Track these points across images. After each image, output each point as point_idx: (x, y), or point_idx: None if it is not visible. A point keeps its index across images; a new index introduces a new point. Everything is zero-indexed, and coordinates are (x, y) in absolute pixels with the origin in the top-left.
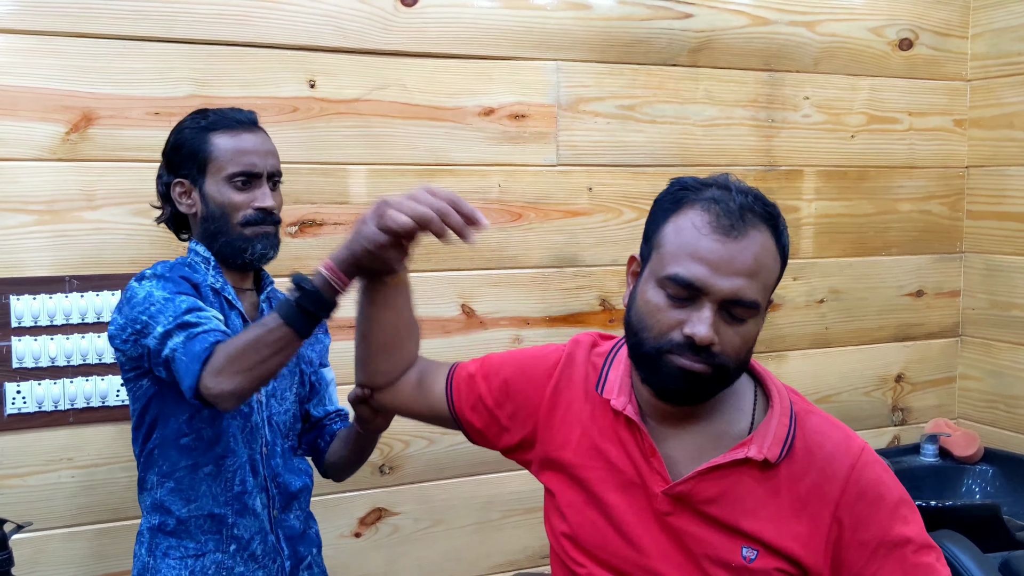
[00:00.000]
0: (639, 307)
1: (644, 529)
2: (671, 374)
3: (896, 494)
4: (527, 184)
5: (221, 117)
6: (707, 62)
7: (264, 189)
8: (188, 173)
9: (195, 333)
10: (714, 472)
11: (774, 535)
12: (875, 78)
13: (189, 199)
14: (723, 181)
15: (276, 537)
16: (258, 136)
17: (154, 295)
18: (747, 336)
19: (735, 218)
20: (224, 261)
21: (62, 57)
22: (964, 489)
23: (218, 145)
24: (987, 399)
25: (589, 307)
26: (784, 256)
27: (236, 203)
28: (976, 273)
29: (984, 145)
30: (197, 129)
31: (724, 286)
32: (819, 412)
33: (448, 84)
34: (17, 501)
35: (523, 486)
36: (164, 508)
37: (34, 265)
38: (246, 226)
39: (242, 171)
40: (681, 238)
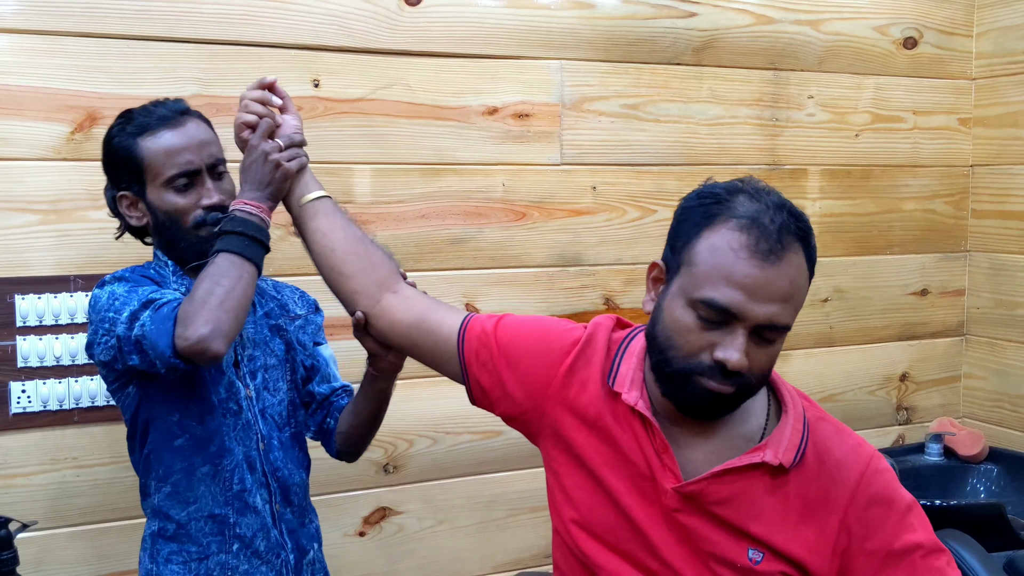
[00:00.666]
0: (667, 324)
1: (649, 521)
2: (698, 394)
3: (905, 501)
4: (531, 183)
5: (146, 118)
6: (711, 61)
7: (207, 185)
8: (128, 185)
9: (159, 304)
10: (728, 474)
11: (781, 539)
12: (880, 77)
13: (136, 210)
14: (753, 189)
15: (279, 531)
16: (187, 128)
17: (116, 292)
18: (773, 354)
19: (773, 241)
20: (183, 266)
21: (67, 57)
22: (969, 488)
23: (148, 150)
24: (992, 398)
25: (593, 306)
26: (813, 271)
27: (182, 207)
28: (981, 272)
29: (989, 144)
30: (124, 136)
31: (759, 312)
32: (830, 419)
33: (452, 83)
34: (22, 500)
35: (527, 485)
36: (163, 513)
37: (39, 264)
38: (200, 227)
39: (179, 172)
40: (717, 259)
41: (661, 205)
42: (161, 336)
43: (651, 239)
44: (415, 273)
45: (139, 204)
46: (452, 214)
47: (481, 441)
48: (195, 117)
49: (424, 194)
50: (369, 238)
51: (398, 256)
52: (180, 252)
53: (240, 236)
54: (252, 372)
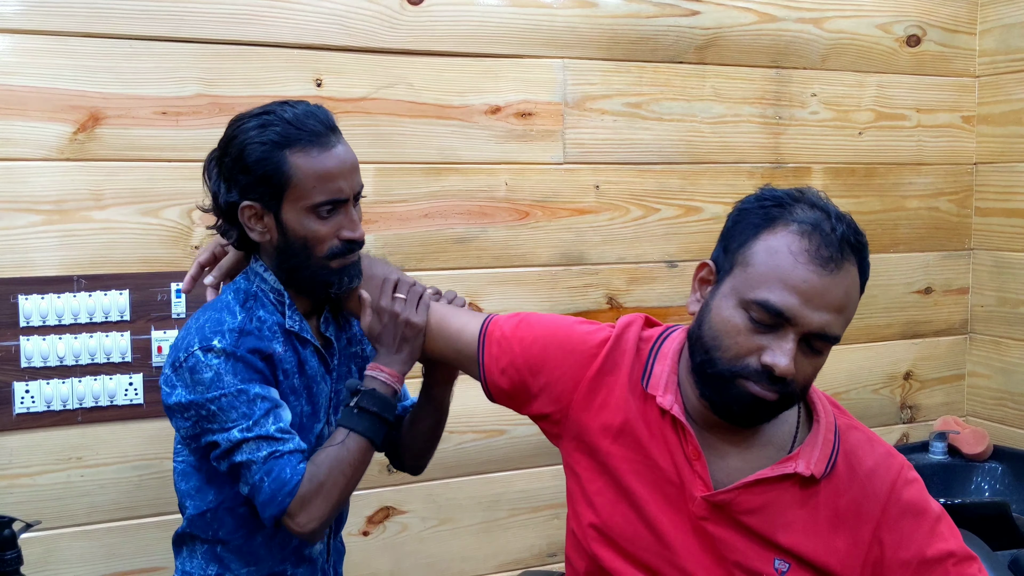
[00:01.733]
0: (715, 324)
1: (675, 529)
2: (740, 398)
3: (935, 511)
4: (534, 182)
5: (295, 129)
6: (714, 59)
7: (351, 215)
8: (260, 198)
9: (280, 453)
10: (758, 485)
11: (809, 549)
12: (883, 75)
13: (261, 225)
14: (817, 201)
15: (330, 564)
16: (341, 150)
17: (224, 380)
18: (819, 365)
19: (834, 250)
20: (300, 291)
21: (70, 57)
22: (973, 487)
23: (299, 169)
24: (996, 396)
25: (596, 305)
26: (863, 289)
27: (321, 235)
28: (985, 270)
29: (993, 141)
30: (269, 146)
31: (814, 320)
32: (860, 427)
33: (455, 82)
34: (27, 500)
35: (530, 484)
36: (223, 564)
37: (42, 265)
38: (332, 259)
39: (328, 200)
40: (775, 261)
41: (664, 204)
42: (273, 505)
43: (654, 238)
44: (419, 272)
45: (266, 218)
46: (456, 213)
47: (484, 440)
48: (341, 135)
49: (427, 193)
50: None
51: (401, 256)
52: (301, 280)
53: (375, 418)
54: (336, 407)
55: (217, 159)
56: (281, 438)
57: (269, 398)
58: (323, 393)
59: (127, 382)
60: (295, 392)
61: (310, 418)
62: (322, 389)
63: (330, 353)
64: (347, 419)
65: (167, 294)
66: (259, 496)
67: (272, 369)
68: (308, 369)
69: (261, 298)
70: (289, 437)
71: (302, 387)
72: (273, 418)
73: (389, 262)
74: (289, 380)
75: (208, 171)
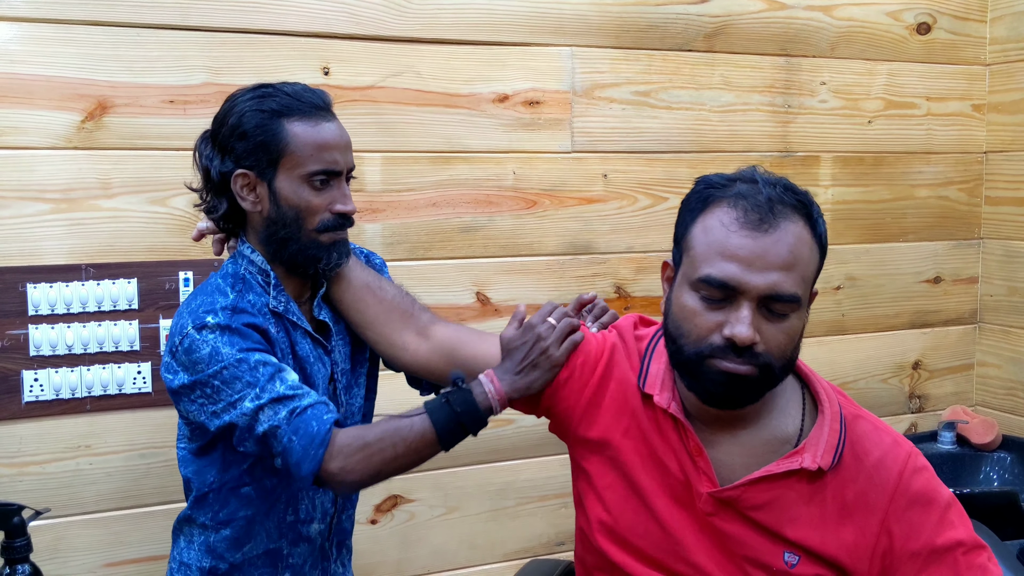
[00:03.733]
0: (675, 313)
1: (683, 525)
2: (715, 379)
3: (944, 499)
4: (542, 171)
5: (295, 100)
6: (723, 47)
7: (344, 189)
8: (255, 165)
9: (299, 409)
10: (765, 480)
11: (818, 542)
12: (893, 63)
13: (254, 194)
14: (749, 174)
15: (331, 543)
16: (337, 125)
17: (222, 353)
18: (791, 332)
19: (764, 211)
20: (289, 270)
21: (77, 45)
22: (982, 476)
23: (296, 136)
24: (1006, 386)
25: (604, 295)
26: (822, 245)
27: (314, 206)
28: (994, 259)
29: (1003, 130)
30: (268, 113)
31: (759, 282)
32: (867, 415)
33: (462, 71)
34: (36, 488)
35: (538, 473)
36: (218, 554)
37: (50, 253)
38: (323, 232)
39: (324, 169)
40: (710, 237)
41: (672, 193)
42: (308, 460)
43: (662, 227)
44: (426, 262)
45: (259, 188)
46: (463, 202)
47: (492, 429)
48: (337, 116)
49: (435, 182)
50: (373, 278)
51: (408, 245)
52: (290, 253)
53: (456, 418)
54: (347, 387)
55: (211, 135)
56: (295, 395)
57: (271, 363)
58: (320, 374)
59: (135, 370)
60: None
61: None
62: (318, 371)
63: (326, 336)
64: (431, 403)
65: (175, 282)
66: (291, 457)
67: (270, 346)
68: (300, 351)
69: (249, 280)
70: (304, 392)
71: (295, 370)
72: (279, 380)
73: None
74: (284, 361)
75: (199, 149)
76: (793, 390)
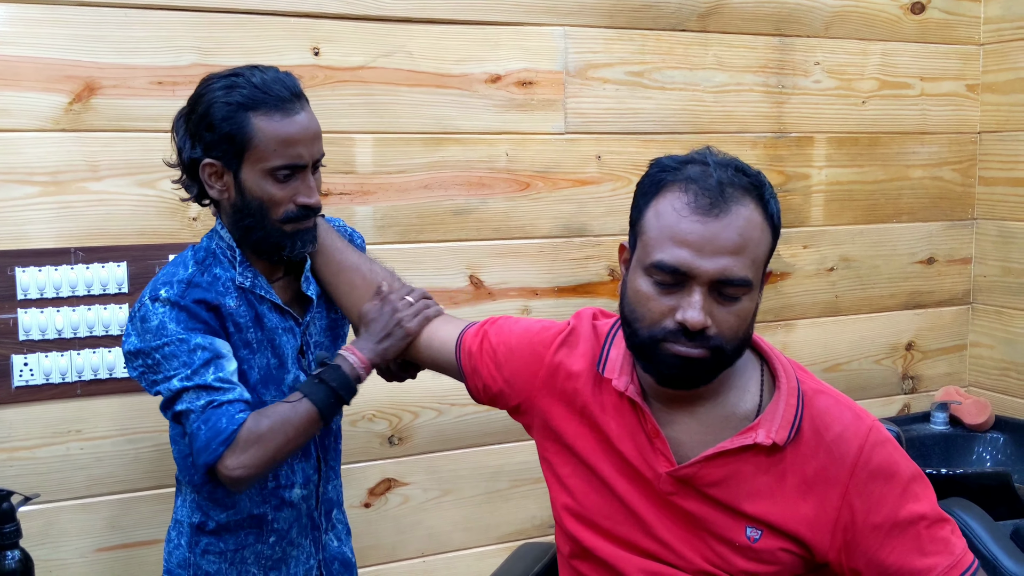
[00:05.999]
0: (630, 297)
1: (646, 506)
2: (668, 362)
3: (907, 472)
4: (535, 153)
5: (261, 93)
6: (717, 27)
7: (308, 181)
8: (222, 156)
9: (218, 403)
10: (720, 457)
11: (778, 517)
12: (887, 43)
13: (221, 183)
14: (701, 156)
15: (320, 512)
16: (304, 117)
17: (167, 328)
18: (742, 314)
19: (714, 195)
20: (255, 254)
21: (64, 26)
22: (975, 457)
23: (260, 130)
24: (999, 367)
25: (598, 277)
26: (774, 225)
27: (278, 199)
28: (988, 240)
29: (997, 110)
30: (234, 106)
31: (709, 267)
32: (828, 390)
33: (454, 51)
34: (26, 473)
35: (531, 456)
36: (204, 511)
37: (39, 237)
38: (286, 222)
39: (287, 164)
40: (662, 223)
41: None
42: (206, 453)
43: None
44: (418, 245)
45: (226, 177)
46: (455, 184)
47: (486, 413)
48: (306, 103)
49: (426, 164)
50: (364, 262)
51: (400, 228)
52: (255, 240)
53: (332, 393)
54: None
55: (185, 116)
56: (220, 387)
57: (210, 348)
58: (289, 345)
59: None
60: (250, 347)
61: (278, 370)
62: (286, 341)
63: (305, 309)
64: (306, 386)
65: (164, 265)
66: (195, 443)
67: (221, 321)
68: (267, 323)
69: (219, 255)
70: (229, 387)
71: (263, 341)
72: (214, 368)
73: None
74: (243, 334)
75: (176, 127)
76: (752, 367)
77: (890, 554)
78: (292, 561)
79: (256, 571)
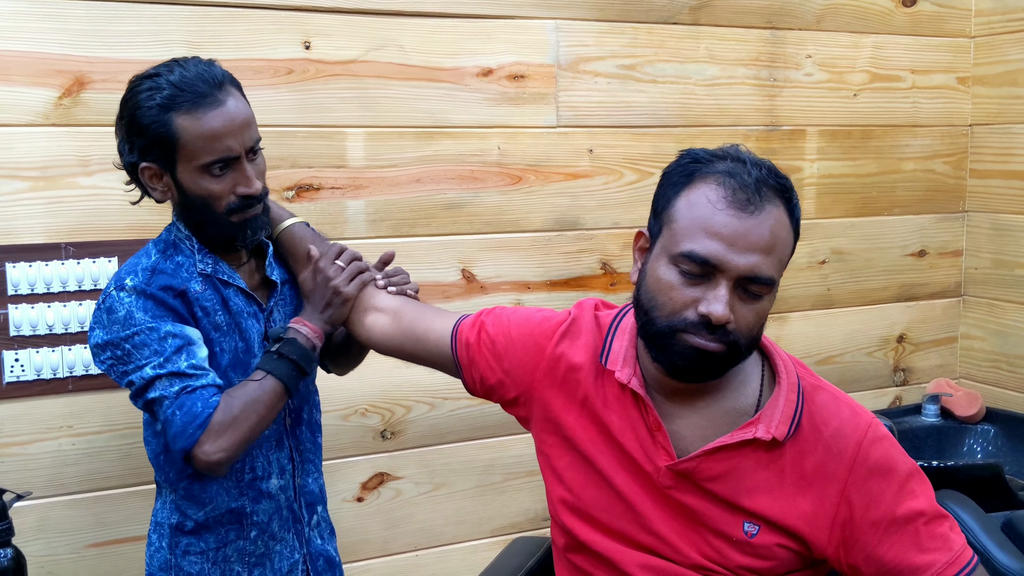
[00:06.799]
0: (650, 285)
1: (644, 499)
2: (683, 353)
3: (905, 469)
4: (527, 146)
5: (180, 91)
6: (708, 20)
7: (245, 171)
8: (156, 159)
9: (192, 388)
10: (720, 451)
11: (777, 512)
12: (878, 35)
13: (161, 183)
14: (735, 152)
15: (299, 504)
16: (229, 107)
17: (135, 317)
18: (761, 313)
19: (751, 192)
20: (210, 246)
21: (54, 20)
22: (966, 449)
23: (185, 131)
24: (989, 359)
25: (591, 271)
26: (797, 230)
27: (216, 193)
28: (980, 232)
29: (988, 102)
30: (156, 109)
31: (740, 263)
32: (827, 387)
33: (446, 44)
34: (17, 469)
35: (525, 449)
36: (182, 511)
37: (29, 232)
38: (232, 214)
39: (218, 159)
40: (695, 213)
41: (659, 168)
42: (184, 438)
43: (649, 202)
44: (410, 239)
45: (165, 177)
46: (447, 178)
47: (479, 406)
48: (232, 87)
49: (418, 158)
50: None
51: (392, 222)
52: (209, 235)
53: (292, 365)
54: None
55: (117, 120)
56: (193, 374)
57: (181, 335)
58: (253, 329)
59: None
60: (220, 329)
61: (245, 353)
62: (251, 326)
63: (271, 293)
64: (267, 362)
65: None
66: (170, 429)
67: (188, 306)
68: (232, 306)
69: (179, 245)
70: (202, 373)
71: (231, 324)
72: (186, 355)
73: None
74: (211, 318)
75: (117, 129)
76: (753, 363)
77: (888, 550)
78: (276, 556)
79: (240, 569)
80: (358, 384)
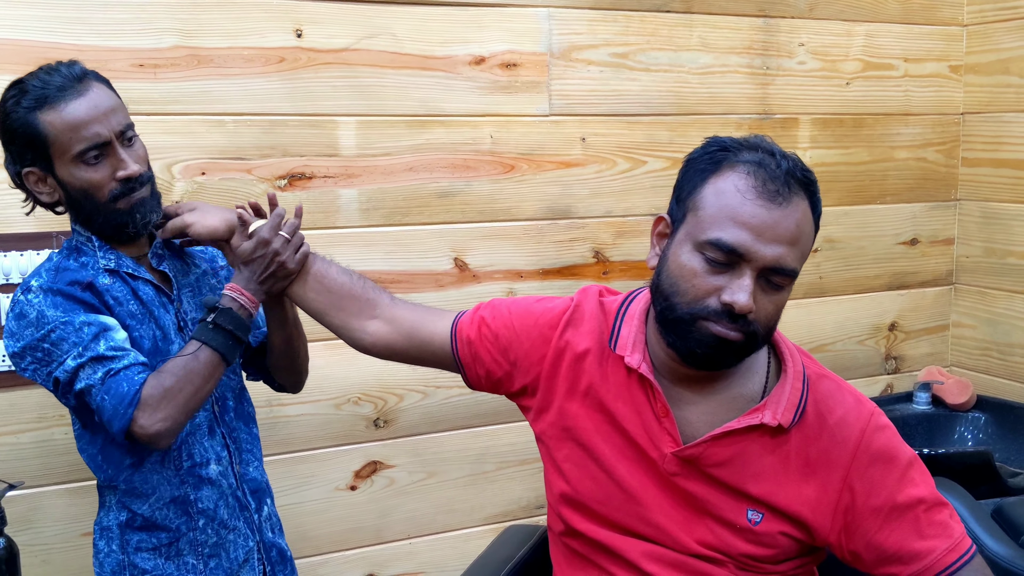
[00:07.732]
0: (672, 271)
1: (645, 487)
2: (703, 340)
3: (906, 457)
4: (519, 135)
5: (41, 90)
6: (701, 8)
7: (120, 154)
8: (34, 162)
9: (115, 370)
10: (727, 436)
11: (781, 499)
12: (870, 23)
13: (46, 186)
14: (763, 143)
15: (243, 492)
16: (90, 96)
17: (47, 315)
18: (780, 304)
19: (780, 183)
20: (107, 239)
21: (43, 8)
22: (956, 436)
23: (51, 125)
24: (980, 347)
25: (583, 259)
26: (818, 224)
27: (96, 182)
28: (972, 221)
29: (980, 91)
30: (21, 111)
31: (767, 253)
32: (831, 376)
33: (438, 32)
34: (10, 459)
35: (517, 438)
36: (127, 507)
37: (20, 221)
38: (116, 200)
39: (88, 147)
40: (723, 201)
41: (652, 156)
42: (116, 416)
43: (642, 191)
44: (403, 228)
45: (48, 180)
46: (440, 167)
47: (472, 395)
48: (94, 80)
49: (411, 146)
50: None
51: (385, 210)
52: (99, 226)
53: (228, 335)
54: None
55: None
56: (114, 355)
57: (96, 323)
58: (166, 318)
59: None
60: (135, 317)
61: (163, 341)
62: (164, 315)
63: (169, 285)
64: (201, 333)
65: None
66: (104, 415)
67: (99, 296)
68: (143, 297)
69: (81, 248)
70: (124, 353)
71: (145, 314)
72: (104, 339)
73: None
74: (124, 307)
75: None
76: (761, 351)
77: (888, 536)
78: (230, 546)
79: (195, 561)
80: (351, 372)
